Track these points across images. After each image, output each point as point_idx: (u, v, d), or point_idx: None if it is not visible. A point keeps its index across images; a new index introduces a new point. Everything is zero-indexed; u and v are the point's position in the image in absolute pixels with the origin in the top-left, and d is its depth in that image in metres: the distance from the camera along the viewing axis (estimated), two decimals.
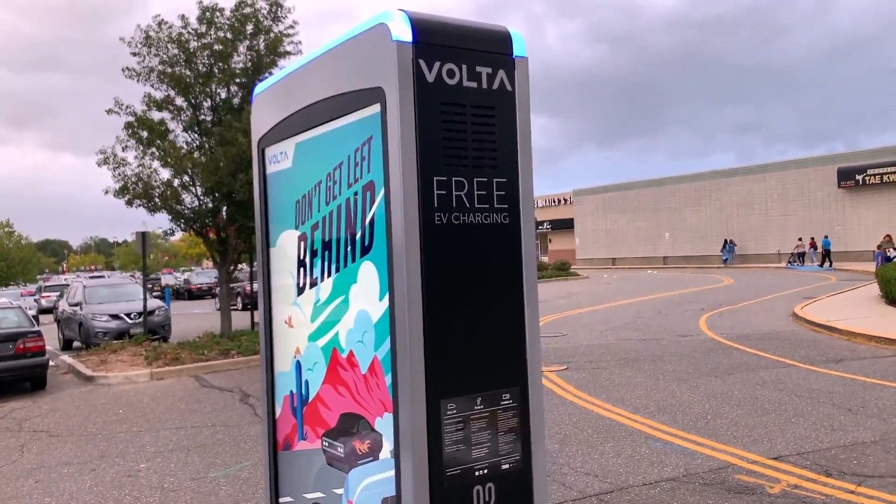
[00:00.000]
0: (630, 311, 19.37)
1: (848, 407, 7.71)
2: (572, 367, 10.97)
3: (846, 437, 6.58)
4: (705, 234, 48.29)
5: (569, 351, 12.62)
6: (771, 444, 6.49)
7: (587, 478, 5.84)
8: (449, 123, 1.61)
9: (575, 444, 6.84)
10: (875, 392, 8.38)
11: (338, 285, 1.86)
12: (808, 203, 42.76)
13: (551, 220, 63.75)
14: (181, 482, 6.45)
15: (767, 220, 44.68)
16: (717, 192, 48.13)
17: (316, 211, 1.93)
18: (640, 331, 15.13)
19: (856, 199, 40.47)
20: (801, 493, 5.24)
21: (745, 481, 5.56)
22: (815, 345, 12.13)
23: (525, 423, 1.71)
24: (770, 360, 10.84)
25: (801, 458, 6.06)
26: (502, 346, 1.68)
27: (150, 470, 6.89)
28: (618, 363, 11.22)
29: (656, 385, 9.37)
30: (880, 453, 6.08)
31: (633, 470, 5.98)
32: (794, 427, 7.03)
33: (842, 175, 40.64)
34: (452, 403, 1.60)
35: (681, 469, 5.93)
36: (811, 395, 8.33)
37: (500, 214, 1.69)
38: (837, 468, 5.75)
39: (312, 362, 1.98)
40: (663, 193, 51.89)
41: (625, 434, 7.10)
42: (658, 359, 11.45)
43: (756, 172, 46.41)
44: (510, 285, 1.70)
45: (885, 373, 9.47)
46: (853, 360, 10.49)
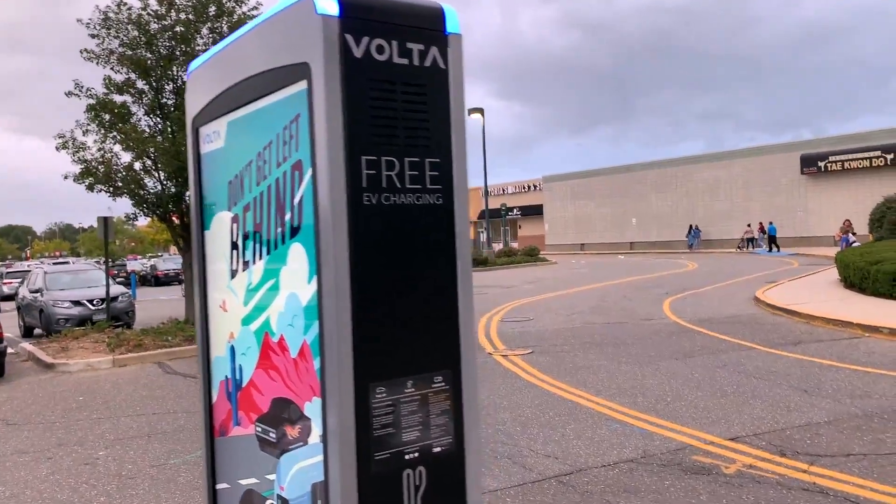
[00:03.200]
0: (596, 296, 19.54)
1: (804, 388, 7.86)
2: (537, 350, 11.03)
3: (801, 418, 6.70)
4: (671, 220, 48.85)
5: (534, 335, 12.69)
6: (728, 425, 6.59)
7: (547, 460, 5.88)
8: (378, 101, 1.57)
9: (536, 426, 6.88)
10: (830, 374, 8.55)
11: (269, 268, 1.82)
12: (772, 189, 43.43)
13: (521, 206, 63.98)
14: (140, 469, 6.36)
15: (732, 206, 45.31)
16: (684, 178, 48.68)
17: (247, 192, 1.89)
18: (605, 315, 15.27)
19: (818, 186, 41.21)
20: (755, 473, 5.32)
21: (701, 462, 5.64)
22: (775, 328, 12.34)
23: (458, 406, 1.68)
24: (731, 343, 11.01)
25: (757, 438, 6.17)
26: (434, 328, 1.65)
27: (109, 457, 6.79)
28: (582, 346, 11.31)
29: (618, 368, 9.46)
30: (833, 433, 6.21)
31: (593, 452, 6.03)
32: (751, 408, 7.14)
33: (805, 162, 41.33)
34: (382, 387, 1.57)
35: (639, 450, 5.99)
36: (769, 377, 8.47)
37: (432, 195, 1.66)
38: (792, 448, 5.85)
39: (246, 346, 1.94)
40: (631, 180, 52.34)
41: (586, 416, 7.17)
42: (621, 342, 11.57)
43: (721, 159, 47.00)
44: (443, 267, 1.67)
45: (840, 355, 9.67)
46: (811, 343, 10.69)
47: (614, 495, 5.07)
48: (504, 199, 64.12)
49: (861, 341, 10.69)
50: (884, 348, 10.06)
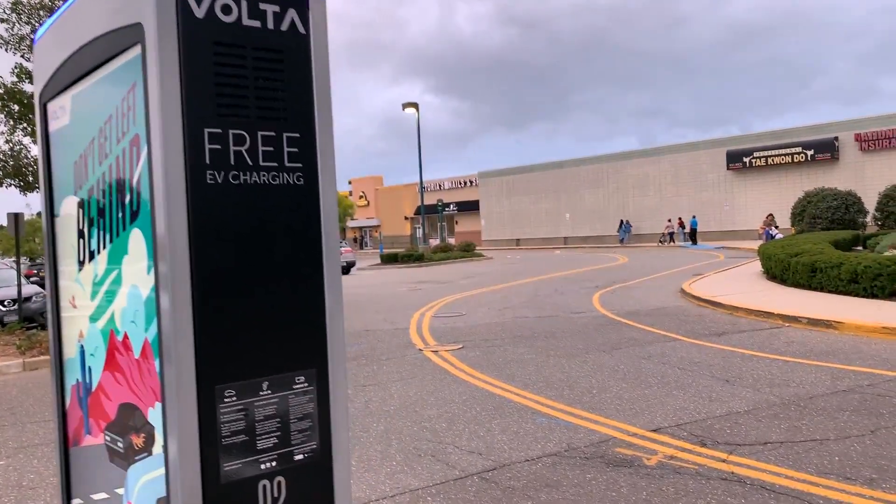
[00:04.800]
0: (529, 290, 19.63)
1: (726, 378, 7.97)
2: (468, 345, 10.95)
3: (722, 408, 6.78)
4: (603, 215, 49.69)
5: (466, 330, 12.61)
6: (651, 417, 6.61)
7: (471, 456, 5.78)
8: (224, 67, 1.39)
9: (463, 422, 6.78)
10: (751, 363, 8.71)
11: (112, 258, 1.62)
12: (700, 184, 44.60)
13: (458, 202, 64.12)
14: (43, 479, 5.99)
15: (662, 200, 46.35)
16: (615, 174, 49.54)
17: (91, 173, 1.68)
18: (537, 309, 15.31)
19: (743, 181, 42.50)
20: (676, 464, 5.33)
21: (623, 454, 5.63)
22: (699, 319, 12.57)
23: (324, 409, 1.52)
24: (657, 334, 11.15)
25: (679, 429, 6.20)
26: (296, 323, 1.48)
27: (10, 467, 6.37)
28: (512, 341, 11.28)
29: (547, 361, 9.45)
30: (752, 422, 6.29)
31: (518, 446, 5.96)
32: (674, 399, 7.19)
33: (731, 157, 42.56)
34: (231, 389, 1.40)
35: (563, 444, 5.95)
36: (692, 368, 8.58)
37: (292, 174, 1.49)
38: (712, 438, 5.90)
39: (94, 346, 1.74)
40: (565, 175, 53.01)
41: (513, 410, 7.10)
42: (551, 335, 11.59)
43: (651, 155, 48.00)
44: (306, 254, 1.50)
45: (761, 345, 9.89)
46: (734, 334, 10.91)
47: (536, 490, 4.99)
48: (441, 195, 64.09)
49: (781, 331, 10.97)
50: (802, 338, 10.34)
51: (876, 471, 4.97)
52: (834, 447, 5.52)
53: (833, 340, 9.98)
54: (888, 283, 12.75)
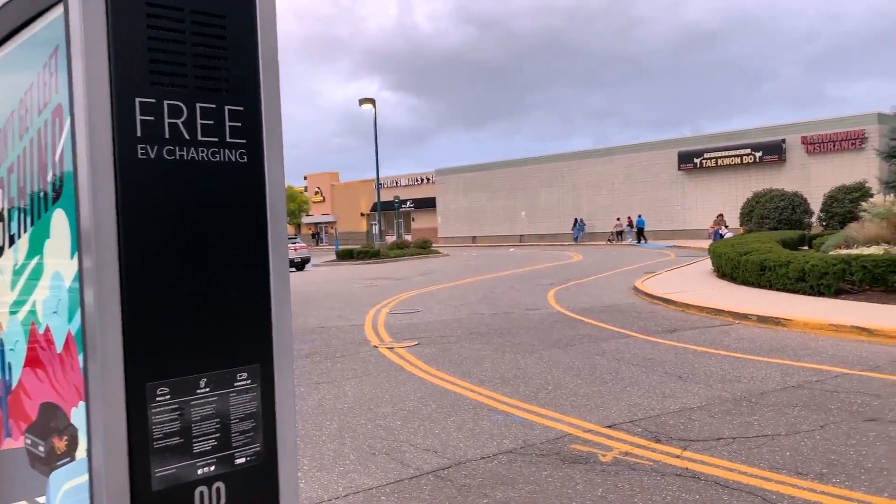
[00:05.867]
0: (485, 287, 19.62)
1: (679, 374, 8.03)
2: (423, 342, 10.85)
3: (675, 404, 6.81)
4: (559, 213, 50.12)
5: (422, 326, 12.51)
6: (606, 413, 6.61)
7: (426, 454, 5.68)
8: (159, 31, 1.26)
9: (418, 419, 6.68)
10: (703, 359, 8.80)
11: (33, 242, 1.47)
12: (653, 184, 45.28)
13: (415, 198, 63.96)
14: None
15: (615, 199, 46.95)
16: (570, 173, 50.00)
17: (11, 149, 1.53)
18: (493, 305, 15.30)
19: (694, 181, 43.28)
20: (631, 460, 5.32)
21: (579, 450, 5.60)
22: (652, 316, 12.69)
23: (269, 408, 1.40)
24: (611, 331, 11.21)
25: (634, 425, 6.20)
26: (238, 315, 1.35)
27: None
28: (468, 337, 11.22)
29: (503, 358, 9.41)
30: (705, 418, 6.33)
31: (473, 444, 5.88)
32: (628, 395, 7.21)
33: (682, 158, 43.30)
34: (165, 387, 1.27)
35: (519, 441, 5.89)
36: (646, 364, 8.63)
37: (234, 151, 1.36)
38: (666, 434, 5.91)
39: (14, 341, 1.59)
40: (521, 174, 53.30)
41: (469, 407, 7.02)
42: (507, 332, 11.56)
43: (606, 155, 48.58)
44: (249, 239, 1.38)
45: (712, 341, 10.01)
46: (686, 330, 11.03)
47: (491, 488, 4.92)
48: (397, 192, 63.85)
49: (732, 328, 11.13)
50: (752, 334, 10.50)
51: (826, 465, 5.03)
52: (785, 442, 5.57)
53: (782, 337, 10.16)
54: (833, 281, 13.06)
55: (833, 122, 38.01)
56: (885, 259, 12.92)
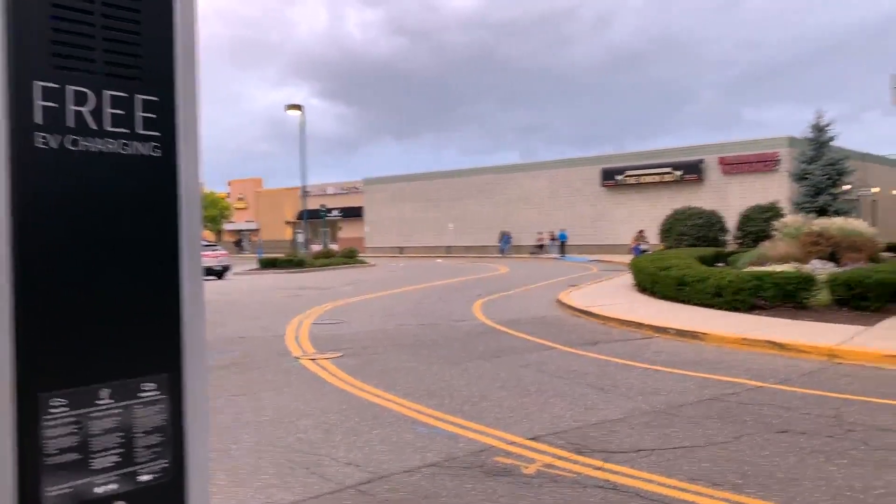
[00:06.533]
0: (412, 298, 19.55)
1: (601, 386, 8.15)
2: (348, 353, 10.69)
3: (597, 416, 6.90)
4: (486, 226, 50.56)
5: (346, 338, 12.34)
6: (530, 425, 6.63)
7: (348, 468, 5.56)
8: (65, 10, 1.15)
9: (340, 433, 6.54)
10: (624, 372, 8.97)
11: None
12: (577, 199, 46.26)
13: (342, 207, 63.40)
14: None
15: (541, 213, 47.72)
16: (498, 186, 50.57)
17: None
18: (420, 317, 15.24)
19: (616, 197, 44.42)
20: (553, 472, 5.33)
21: (502, 463, 5.58)
22: (576, 329, 12.89)
23: (178, 421, 1.30)
24: (535, 343, 11.31)
25: (557, 437, 6.23)
26: (146, 320, 1.25)
27: None
28: (394, 349, 11.12)
29: (428, 369, 9.36)
30: (626, 429, 6.42)
31: (396, 457, 5.79)
32: (552, 407, 7.26)
33: (605, 175, 44.41)
34: (61, 399, 1.15)
35: (443, 454, 5.84)
36: (570, 377, 8.73)
37: (146, 144, 1.26)
38: (588, 446, 5.96)
39: None
40: (450, 185, 53.57)
41: (393, 420, 6.93)
42: (433, 343, 11.52)
43: (533, 169, 49.38)
44: (159, 238, 1.28)
45: (633, 354, 10.22)
46: (608, 343, 11.24)
47: (414, 502, 4.85)
48: (324, 200, 63.19)
49: (651, 341, 11.40)
50: (671, 347, 10.78)
51: (740, 476, 5.16)
52: (702, 454, 5.70)
53: (699, 350, 10.46)
54: (748, 297, 13.56)
55: (748, 144, 39.70)
56: (795, 276, 13.51)
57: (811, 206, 32.08)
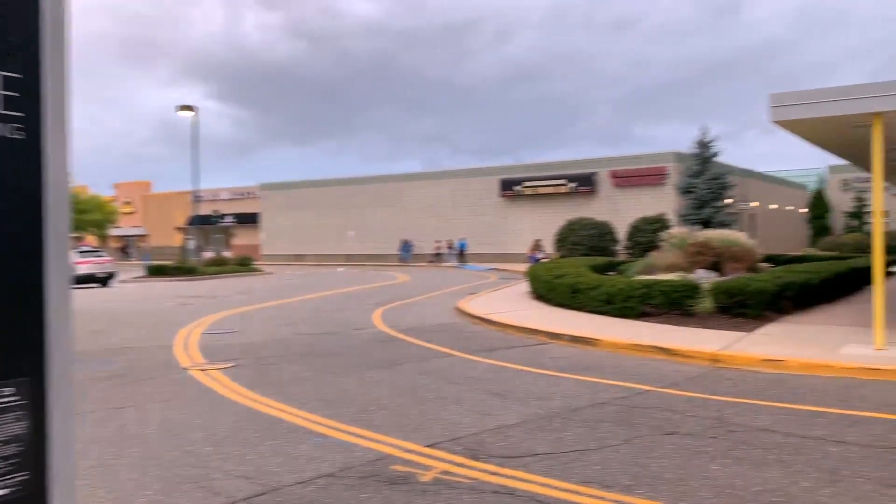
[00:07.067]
0: (310, 307, 19.20)
1: (498, 392, 8.23)
2: (241, 363, 10.35)
3: (494, 421, 6.95)
4: (387, 234, 50.41)
5: (240, 347, 11.95)
6: (428, 432, 6.60)
7: (238, 481, 5.35)
8: None
9: (231, 445, 6.30)
10: (521, 378, 9.10)
11: None
12: (477, 208, 46.87)
13: (237, 213, 61.61)
14: None
15: (442, 222, 48.03)
16: (400, 194, 50.55)
17: None
18: (317, 325, 14.97)
19: (514, 207, 45.31)
20: (450, 479, 5.32)
21: (399, 471, 5.52)
22: (474, 336, 12.99)
23: (41, 431, 1.18)
24: (435, 350, 11.32)
25: (454, 443, 6.23)
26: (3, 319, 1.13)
27: None
28: (289, 358, 10.86)
29: (325, 379, 9.18)
30: (521, 434, 6.50)
31: (290, 468, 5.63)
32: (450, 414, 7.26)
33: (504, 185, 45.23)
34: None
35: (339, 464, 5.72)
36: (467, 383, 8.77)
37: (6, 125, 1.14)
38: (485, 451, 5.99)
39: None
40: (350, 192, 53.09)
41: (287, 431, 6.74)
42: (330, 352, 11.33)
43: (434, 178, 49.67)
44: (21, 229, 1.16)
45: (530, 360, 10.39)
46: (505, 350, 11.38)
47: None
48: (218, 206, 61.29)
49: (547, 347, 11.64)
50: (565, 353, 11.03)
51: (631, 478, 5.31)
52: (594, 457, 5.83)
53: (593, 356, 10.76)
54: (637, 304, 14.08)
55: (638, 158, 41.40)
56: (681, 284, 14.14)
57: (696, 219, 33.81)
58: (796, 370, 9.30)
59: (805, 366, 9.34)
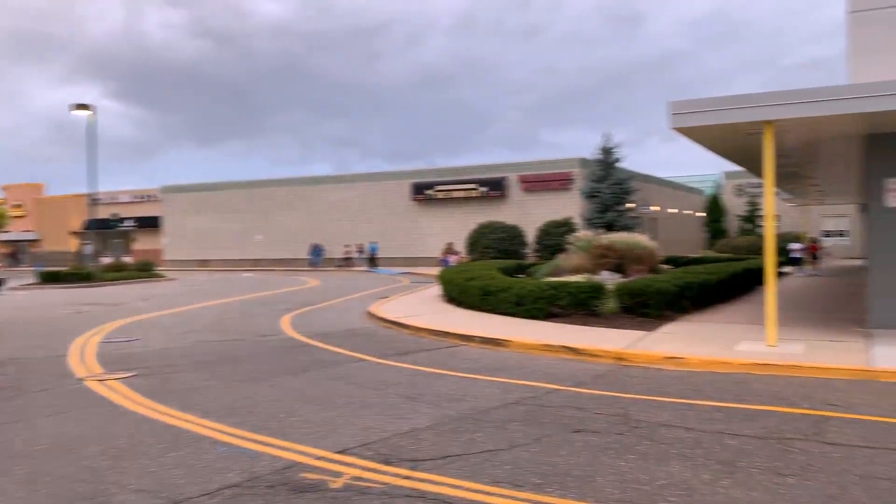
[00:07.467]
0: (215, 313, 18.62)
1: (410, 396, 8.19)
2: (142, 373, 9.92)
3: (406, 425, 6.90)
4: (297, 238, 49.55)
5: (140, 356, 11.46)
6: (339, 438, 6.49)
7: (138, 495, 5.11)
8: None
9: (130, 458, 6.01)
10: (433, 380, 9.09)
11: None
12: (389, 212, 46.73)
13: (137, 217, 59.20)
14: None
15: (354, 225, 47.63)
16: (310, 197, 49.82)
17: None
18: (223, 332, 14.53)
19: (426, 211, 45.44)
20: (361, 485, 5.24)
21: (309, 479, 5.40)
22: (386, 340, 12.91)
23: None
24: (345, 355, 11.18)
25: (366, 448, 6.15)
26: None
27: None
28: (194, 366, 10.48)
29: (231, 387, 8.90)
30: (433, 437, 6.48)
31: (194, 480, 5.41)
32: (361, 419, 7.17)
33: (415, 189, 45.30)
34: None
35: (246, 473, 5.54)
36: (380, 387, 8.69)
37: None
38: (397, 455, 5.93)
39: None
40: (257, 196, 51.90)
41: (190, 441, 6.49)
42: (238, 360, 11.01)
43: (345, 182, 49.21)
44: None
45: (441, 363, 10.41)
46: (417, 353, 11.36)
47: None
48: (117, 209, 58.75)
49: (458, 349, 11.68)
50: (476, 355, 11.10)
51: (541, 476, 5.38)
52: (505, 456, 5.88)
53: (503, 357, 10.87)
54: (546, 305, 14.35)
55: (545, 163, 42.29)
56: (587, 286, 14.50)
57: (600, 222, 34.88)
58: (696, 366, 9.68)
59: (704, 362, 9.74)
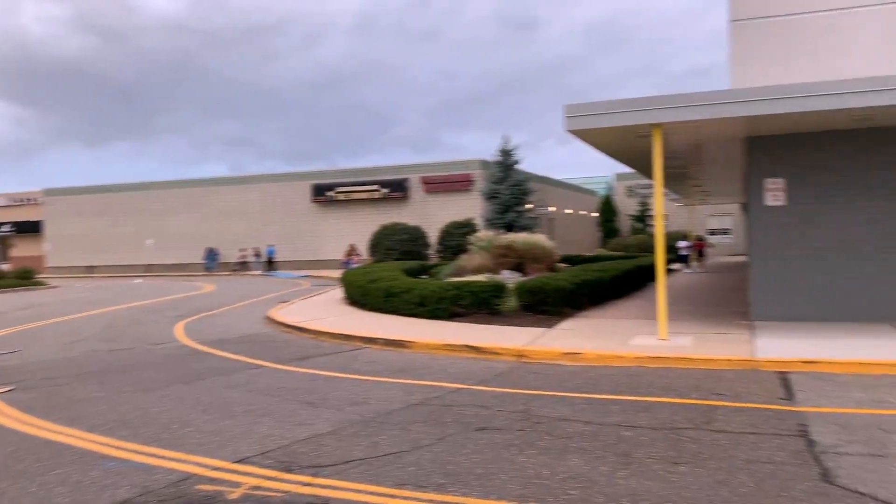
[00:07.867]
0: (103, 321, 17.70)
1: (310, 401, 8.03)
2: (22, 387, 9.30)
3: (307, 431, 6.76)
4: (191, 242, 47.82)
5: (20, 368, 10.74)
6: (236, 447, 6.28)
7: None
8: None
9: (8, 478, 5.61)
10: (334, 384, 8.95)
11: None
12: (288, 214, 45.83)
13: (16, 221, 55.60)
14: None
15: (251, 228, 46.42)
16: (204, 200, 48.20)
17: None
18: (112, 341, 13.82)
19: (327, 213, 44.87)
20: (260, 494, 5.09)
21: (205, 490, 5.19)
22: (286, 345, 12.63)
23: None
24: (243, 362, 10.85)
25: (265, 457, 5.98)
26: None
27: None
28: (80, 378, 9.91)
29: (120, 398, 8.47)
30: (335, 442, 6.37)
31: (79, 498, 5.11)
32: (260, 427, 6.97)
33: (316, 190, 44.64)
34: None
35: (137, 488, 5.28)
36: (279, 394, 8.48)
37: None
38: (297, 463, 5.80)
39: None
40: (148, 199, 49.78)
41: (76, 457, 6.12)
42: (127, 369, 10.49)
43: (242, 183, 47.91)
44: None
45: (343, 366, 10.27)
46: (318, 357, 11.16)
47: None
48: None
49: (361, 352, 11.56)
50: (380, 357, 11.02)
51: (444, 476, 5.37)
52: (409, 458, 5.85)
53: (407, 358, 10.84)
54: (448, 305, 14.43)
55: (447, 165, 42.57)
56: (489, 285, 14.68)
57: (500, 222, 35.41)
58: (593, 361, 9.97)
59: (600, 357, 10.04)
